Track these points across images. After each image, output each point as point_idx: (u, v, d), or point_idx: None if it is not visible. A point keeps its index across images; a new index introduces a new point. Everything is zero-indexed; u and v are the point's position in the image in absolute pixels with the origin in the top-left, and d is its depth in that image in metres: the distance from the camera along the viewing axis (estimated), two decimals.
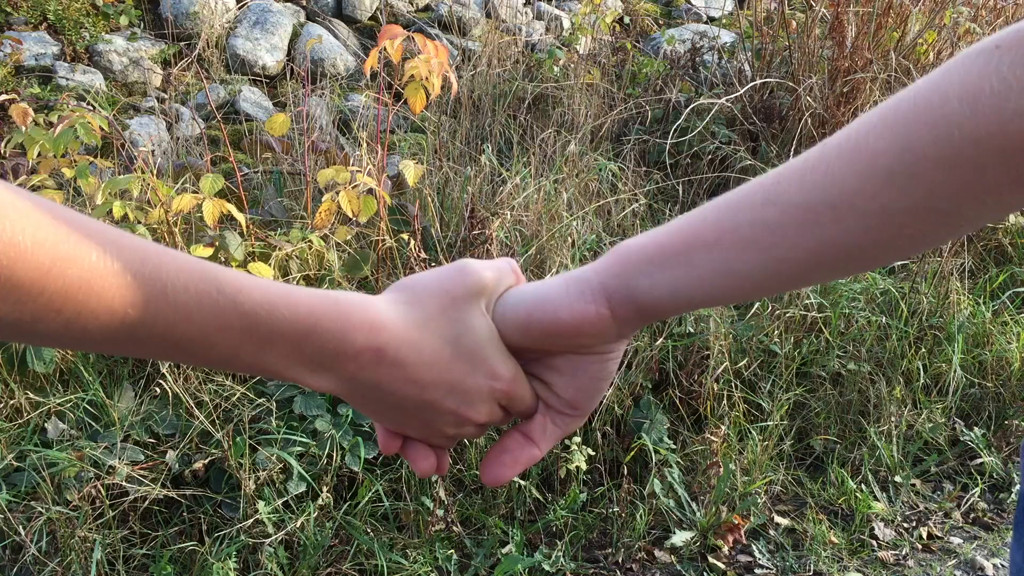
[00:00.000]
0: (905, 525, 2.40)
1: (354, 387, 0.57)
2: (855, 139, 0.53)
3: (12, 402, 2.03)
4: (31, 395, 2.03)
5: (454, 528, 2.13)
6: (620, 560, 2.16)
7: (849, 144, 0.53)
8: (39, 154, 2.21)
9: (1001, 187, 0.48)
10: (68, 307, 0.44)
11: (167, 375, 2.08)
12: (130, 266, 0.46)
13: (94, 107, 2.80)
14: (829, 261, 0.54)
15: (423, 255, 2.45)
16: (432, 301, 0.59)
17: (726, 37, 4.12)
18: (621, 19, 4.47)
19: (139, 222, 2.15)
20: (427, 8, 4.28)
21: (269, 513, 1.95)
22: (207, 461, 2.01)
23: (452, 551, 2.08)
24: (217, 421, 2.03)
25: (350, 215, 2.29)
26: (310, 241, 2.35)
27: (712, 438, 2.29)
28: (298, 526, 1.97)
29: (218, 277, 0.50)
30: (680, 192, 3.21)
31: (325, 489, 2.02)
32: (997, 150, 0.46)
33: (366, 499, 2.07)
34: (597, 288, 0.59)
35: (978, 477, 2.54)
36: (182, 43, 3.61)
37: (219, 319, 0.50)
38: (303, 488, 2.01)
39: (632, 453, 2.29)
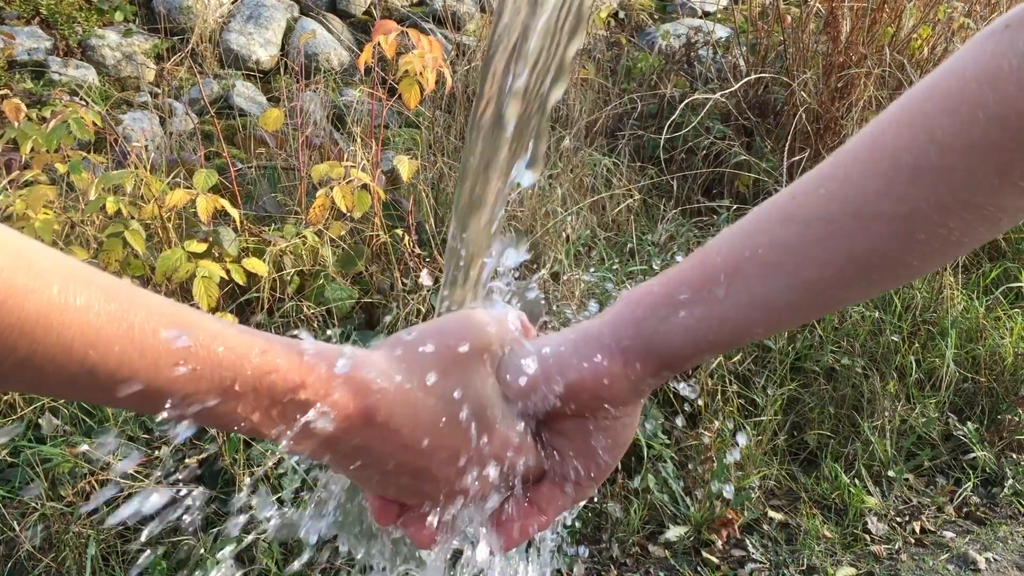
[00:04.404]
0: (898, 519, 2.41)
1: (341, 452, 0.51)
2: (871, 141, 0.49)
3: (6, 398, 2.02)
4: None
5: None
6: (614, 555, 2.17)
7: (865, 147, 0.49)
8: (32, 149, 2.20)
9: None
10: (23, 344, 0.39)
11: None
12: (94, 303, 0.41)
13: (87, 102, 2.79)
14: (862, 276, 0.49)
15: (418, 251, 2.44)
16: (431, 359, 0.53)
17: (721, 32, 4.11)
18: (616, 14, 4.47)
19: (132, 217, 2.14)
20: (421, 3, 4.27)
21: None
22: (202, 457, 2.01)
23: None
24: None
25: (344, 210, 2.28)
26: (304, 236, 2.34)
27: (706, 433, 2.29)
28: None
29: (193, 322, 0.45)
30: (675, 187, 3.21)
31: (320, 485, 2.02)
32: None
33: (361, 495, 2.07)
34: (609, 343, 0.53)
35: (971, 472, 2.55)
36: (175, 37, 3.60)
37: (191, 369, 0.44)
38: (297, 484, 2.01)
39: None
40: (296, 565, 1.96)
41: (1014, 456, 2.62)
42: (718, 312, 0.51)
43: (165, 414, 0.46)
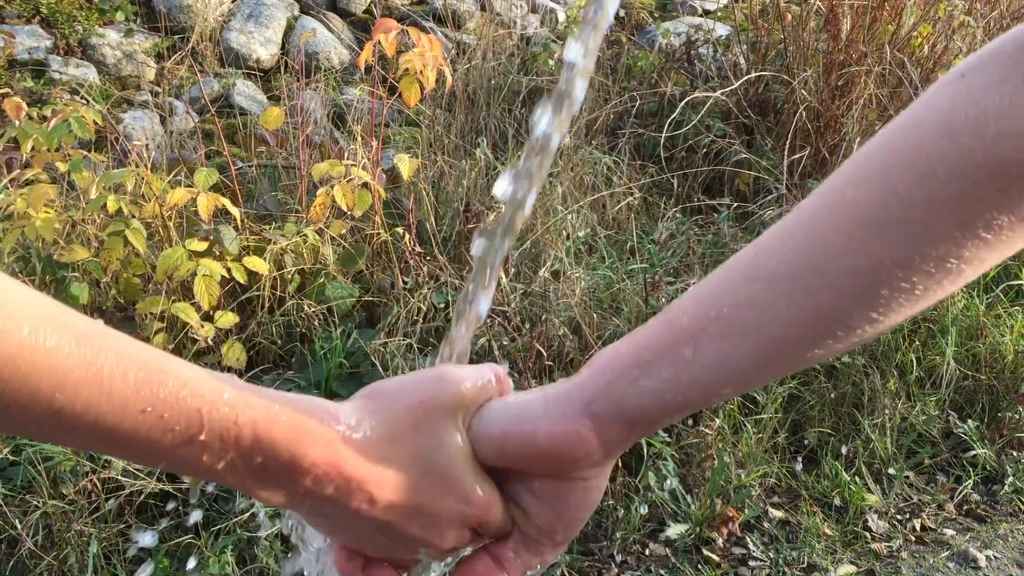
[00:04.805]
0: (899, 517, 2.41)
1: (308, 503, 0.51)
2: (832, 195, 0.49)
3: None
4: None
5: None
6: (615, 553, 2.17)
7: (826, 201, 0.49)
8: (33, 148, 2.20)
9: (1000, 219, 0.44)
10: None
11: None
12: (64, 346, 0.41)
13: (88, 101, 2.80)
14: (827, 333, 0.49)
15: (418, 249, 2.45)
16: (403, 413, 0.53)
17: (721, 30, 4.12)
18: (616, 12, 4.46)
19: (133, 216, 2.15)
20: (422, 1, 4.27)
21: (264, 507, 1.95)
22: None
23: None
24: None
25: (345, 209, 2.29)
26: (305, 235, 2.34)
27: (706, 431, 2.29)
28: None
29: (163, 368, 0.45)
30: (675, 185, 3.21)
31: None
32: (987, 179, 0.43)
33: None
34: (579, 405, 0.53)
35: (971, 469, 2.55)
36: (176, 36, 3.60)
37: (157, 415, 0.44)
38: None
39: None
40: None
41: (1014, 453, 2.62)
42: (686, 374, 0.51)
43: (131, 459, 0.46)
